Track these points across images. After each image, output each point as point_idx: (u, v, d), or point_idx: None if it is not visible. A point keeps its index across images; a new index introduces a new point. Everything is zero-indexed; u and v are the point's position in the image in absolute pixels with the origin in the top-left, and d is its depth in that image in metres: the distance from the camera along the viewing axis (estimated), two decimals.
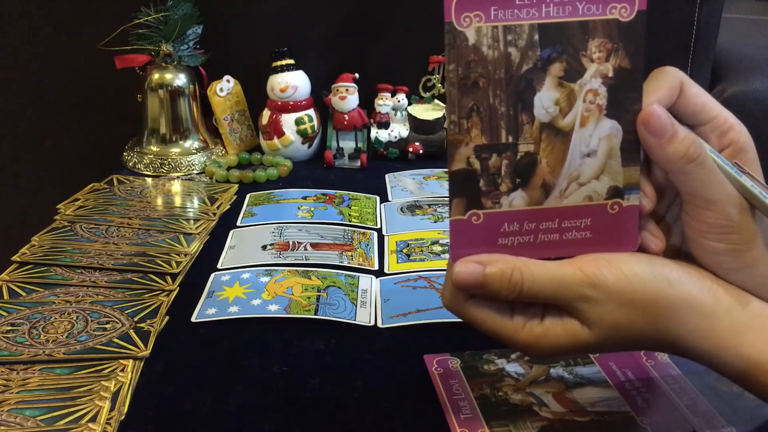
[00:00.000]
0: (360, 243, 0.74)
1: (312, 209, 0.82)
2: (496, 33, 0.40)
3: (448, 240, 0.73)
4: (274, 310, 0.61)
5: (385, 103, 0.98)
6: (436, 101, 1.00)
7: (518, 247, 0.43)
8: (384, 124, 0.98)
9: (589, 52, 0.41)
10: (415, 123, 0.98)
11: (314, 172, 0.95)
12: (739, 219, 0.42)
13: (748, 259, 0.43)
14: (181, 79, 0.94)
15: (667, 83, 0.42)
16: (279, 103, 0.95)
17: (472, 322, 0.43)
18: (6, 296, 0.62)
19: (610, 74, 0.41)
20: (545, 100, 0.41)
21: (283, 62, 0.95)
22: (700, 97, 0.43)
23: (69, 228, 0.75)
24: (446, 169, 0.94)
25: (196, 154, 0.95)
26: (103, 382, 0.51)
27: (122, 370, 0.53)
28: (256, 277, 0.66)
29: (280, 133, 0.95)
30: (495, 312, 0.43)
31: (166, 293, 0.64)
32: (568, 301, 0.41)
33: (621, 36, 0.41)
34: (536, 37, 0.40)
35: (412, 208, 0.83)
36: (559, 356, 0.51)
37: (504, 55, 0.40)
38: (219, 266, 0.69)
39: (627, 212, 0.43)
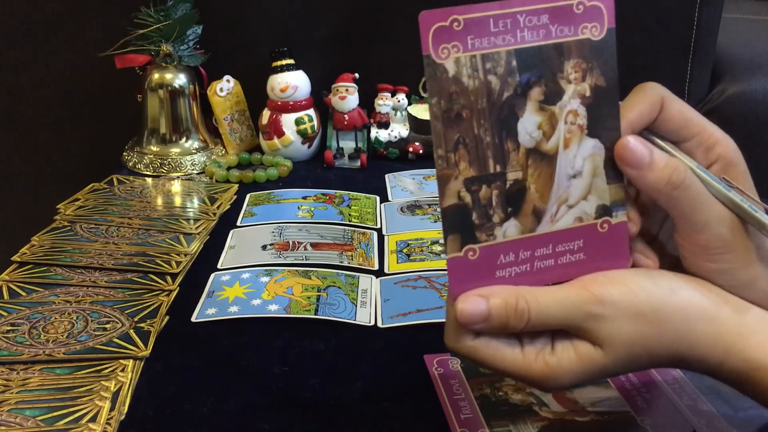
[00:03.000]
0: (360, 243, 0.74)
1: (312, 209, 0.82)
2: (474, 62, 0.40)
3: None
4: (274, 310, 0.61)
5: (385, 103, 0.98)
6: None
7: (516, 277, 0.42)
8: (384, 124, 0.98)
9: (565, 73, 0.41)
10: (415, 123, 0.98)
11: (314, 172, 0.95)
12: (732, 238, 0.41)
13: (746, 276, 0.42)
14: (181, 79, 0.94)
15: (647, 99, 0.42)
16: (279, 103, 0.95)
17: (481, 361, 0.41)
18: (6, 296, 0.62)
19: (588, 93, 0.42)
20: (528, 125, 0.41)
21: (283, 62, 0.95)
22: (683, 112, 0.42)
23: (69, 228, 0.75)
24: None
25: (196, 154, 0.95)
26: (103, 382, 0.51)
27: (122, 370, 0.53)
28: (256, 277, 0.66)
29: (280, 133, 0.95)
30: (504, 346, 0.40)
31: (166, 293, 0.64)
32: (577, 323, 0.40)
33: (594, 55, 0.41)
34: (514, 63, 0.40)
35: (412, 208, 0.83)
36: (577, 384, 0.47)
37: (484, 83, 0.40)
38: (219, 266, 0.69)
39: (617, 229, 0.43)
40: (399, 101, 0.99)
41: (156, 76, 0.93)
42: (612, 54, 0.42)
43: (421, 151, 0.98)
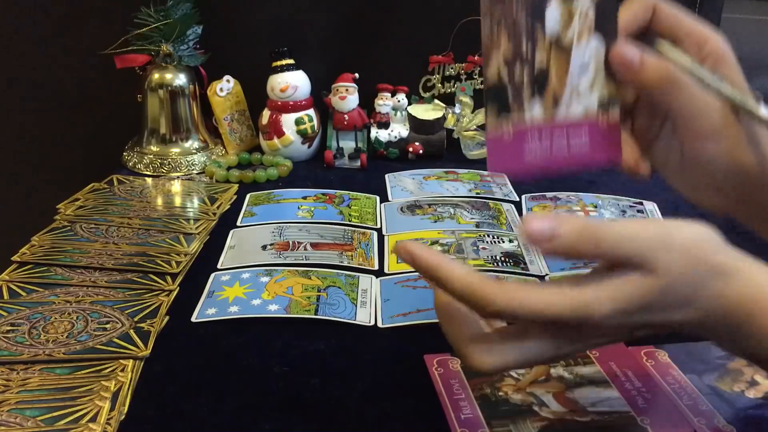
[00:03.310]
0: (360, 243, 0.74)
1: (312, 209, 0.82)
2: None
3: (447, 238, 0.73)
4: (274, 310, 0.61)
5: (385, 103, 0.98)
6: (436, 101, 1.00)
7: (539, 161, 0.48)
8: (384, 124, 0.98)
9: None
10: (415, 123, 0.98)
11: (314, 172, 0.95)
12: (723, 124, 0.46)
13: (740, 160, 0.46)
14: (181, 79, 0.94)
15: (640, 3, 0.47)
16: (279, 103, 0.95)
17: (529, 310, 0.39)
18: (6, 296, 0.62)
19: None
20: (554, 15, 0.47)
21: (283, 62, 0.95)
22: (675, 15, 0.47)
23: (69, 228, 0.75)
24: (446, 169, 0.94)
25: (196, 154, 0.95)
26: (103, 382, 0.51)
27: (122, 370, 0.53)
28: (256, 277, 0.66)
29: (280, 133, 0.95)
30: (534, 286, 0.39)
31: (166, 293, 0.64)
32: (642, 250, 0.39)
33: None
34: None
35: (412, 208, 0.83)
36: (616, 318, 0.42)
37: None
38: (219, 266, 0.69)
39: (612, 123, 0.49)
40: (399, 101, 0.99)
41: (156, 76, 0.93)
42: None
43: (421, 151, 0.98)
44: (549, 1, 0.47)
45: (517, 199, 0.86)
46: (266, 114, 0.96)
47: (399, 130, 0.98)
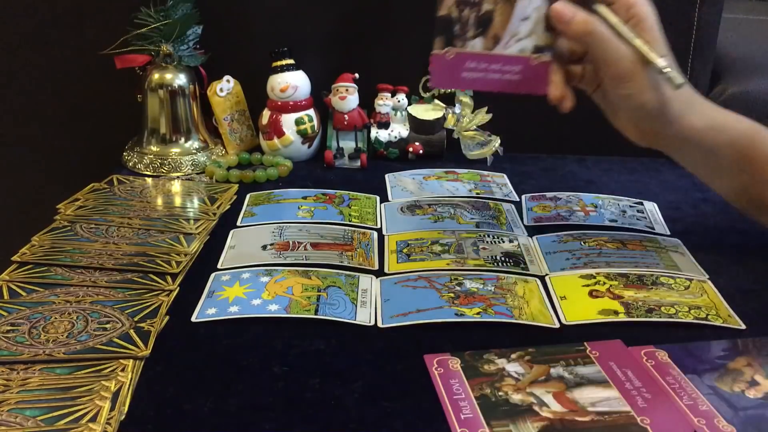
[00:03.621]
0: (360, 243, 0.74)
1: (312, 209, 0.82)
2: None
3: (447, 238, 0.73)
4: (274, 310, 0.61)
5: (385, 103, 0.98)
6: (436, 101, 1.00)
7: (474, 80, 0.64)
8: (384, 124, 0.98)
9: None
10: (415, 123, 0.98)
11: (314, 172, 0.95)
12: (633, 69, 0.60)
13: (642, 99, 0.61)
14: (181, 79, 0.94)
15: None
16: (279, 103, 0.95)
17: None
18: (6, 296, 0.62)
19: None
20: None
21: (283, 62, 0.95)
22: None
23: (69, 228, 0.75)
24: (446, 169, 0.94)
25: (196, 154, 0.95)
26: (103, 382, 0.51)
27: (122, 370, 0.53)
28: (256, 277, 0.66)
29: (280, 133, 0.95)
30: None
31: (166, 293, 0.64)
32: None
33: None
34: None
35: (412, 208, 0.83)
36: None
37: None
38: (219, 266, 0.69)
39: (542, 64, 0.63)
40: (399, 101, 0.99)
41: (156, 76, 0.93)
42: None
43: (421, 151, 0.98)
44: None
45: (517, 199, 0.86)
46: (266, 114, 0.96)
47: (399, 130, 0.98)
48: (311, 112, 0.97)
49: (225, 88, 0.97)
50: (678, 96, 0.62)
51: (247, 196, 0.86)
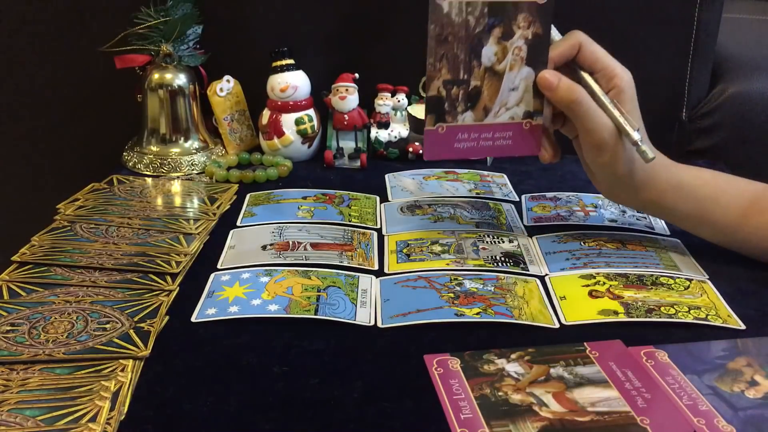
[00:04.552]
0: (360, 243, 0.74)
1: (312, 209, 0.82)
2: (461, 6, 0.62)
3: (447, 238, 0.73)
4: (274, 310, 0.61)
5: (385, 103, 0.98)
6: None
7: (466, 150, 0.67)
8: (384, 124, 0.98)
9: (517, 21, 0.64)
10: (415, 123, 0.98)
11: (314, 172, 0.95)
12: (611, 141, 0.63)
13: (617, 170, 0.64)
14: (181, 79, 0.94)
15: (568, 42, 0.64)
16: (279, 103, 0.95)
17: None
18: (6, 296, 0.62)
19: (530, 37, 0.64)
20: (489, 52, 0.64)
21: (283, 62, 0.95)
22: (594, 53, 0.64)
23: (69, 228, 0.75)
24: (446, 169, 0.94)
25: (196, 154, 0.95)
26: (103, 382, 0.51)
27: (122, 370, 0.53)
28: (256, 277, 0.66)
29: (280, 133, 0.95)
30: None
31: (166, 293, 0.64)
32: None
33: (538, 13, 0.64)
34: (485, 10, 0.63)
35: (412, 208, 0.83)
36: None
37: (465, 21, 0.63)
38: (219, 266, 0.69)
39: (534, 128, 0.67)
40: (399, 101, 0.99)
41: (156, 76, 0.93)
42: (550, 14, 0.64)
43: (420, 151, 0.98)
44: (486, 41, 0.63)
45: (517, 199, 0.86)
46: (266, 114, 0.96)
47: (399, 130, 0.98)
48: (311, 112, 0.97)
49: (225, 88, 0.97)
50: (647, 167, 0.64)
51: (247, 196, 0.86)
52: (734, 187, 0.69)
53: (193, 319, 0.60)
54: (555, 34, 0.65)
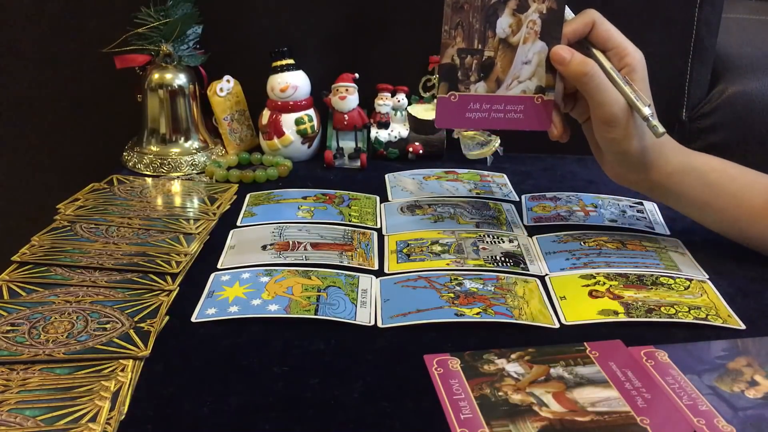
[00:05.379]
0: (360, 243, 0.74)
1: (312, 209, 0.82)
2: None
3: (447, 238, 0.73)
4: (274, 310, 0.61)
5: (385, 103, 0.98)
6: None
7: (477, 120, 0.67)
8: (384, 124, 0.98)
9: None
10: (415, 123, 0.98)
11: (314, 172, 0.95)
12: (621, 116, 0.63)
13: (626, 146, 0.65)
14: (181, 79, 0.94)
15: (582, 19, 0.65)
16: (279, 103, 0.95)
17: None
18: (6, 296, 0.62)
19: (544, 11, 0.64)
20: (503, 23, 0.65)
21: (283, 62, 0.95)
22: (608, 31, 0.65)
23: (69, 228, 0.75)
24: (446, 169, 0.94)
25: (196, 154, 0.95)
26: (103, 382, 0.51)
27: (122, 370, 0.53)
28: (256, 277, 0.66)
29: (280, 133, 0.95)
30: None
31: (166, 293, 0.64)
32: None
33: None
34: None
35: (412, 208, 0.83)
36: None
37: None
38: (219, 266, 0.69)
39: (545, 103, 0.67)
40: (399, 101, 0.99)
41: (156, 76, 0.93)
42: None
43: (421, 151, 0.98)
44: (501, 12, 0.64)
45: (517, 199, 0.86)
46: (266, 114, 0.96)
47: (399, 130, 0.98)
48: (311, 112, 0.97)
49: (225, 88, 0.97)
50: (656, 145, 0.65)
51: (247, 196, 0.86)
52: (745, 176, 0.69)
53: (193, 319, 0.60)
54: (568, 13, 0.65)
